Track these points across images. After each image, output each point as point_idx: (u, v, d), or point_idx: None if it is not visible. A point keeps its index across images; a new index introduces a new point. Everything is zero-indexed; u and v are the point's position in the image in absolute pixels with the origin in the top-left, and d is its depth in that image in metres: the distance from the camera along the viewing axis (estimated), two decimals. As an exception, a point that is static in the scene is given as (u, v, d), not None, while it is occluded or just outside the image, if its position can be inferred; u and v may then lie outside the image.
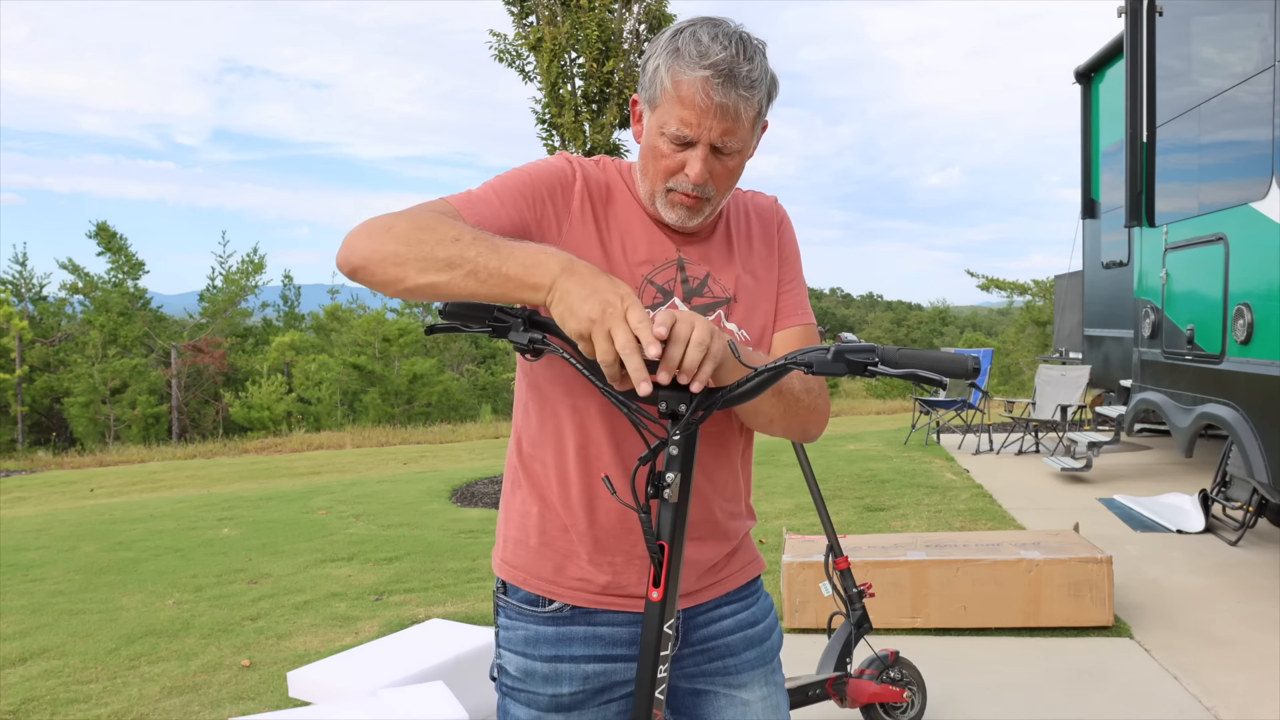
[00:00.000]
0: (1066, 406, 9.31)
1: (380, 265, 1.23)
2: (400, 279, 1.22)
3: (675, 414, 1.28)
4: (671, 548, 1.32)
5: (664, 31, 1.39)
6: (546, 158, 1.47)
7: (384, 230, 1.24)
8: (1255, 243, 4.97)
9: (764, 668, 1.55)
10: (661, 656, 1.34)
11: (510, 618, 1.49)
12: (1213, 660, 3.82)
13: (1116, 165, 8.19)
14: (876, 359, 1.23)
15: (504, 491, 1.55)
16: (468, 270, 1.21)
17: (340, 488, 9.21)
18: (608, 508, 1.44)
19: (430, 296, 1.25)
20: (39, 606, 5.08)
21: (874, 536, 4.67)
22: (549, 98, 7.96)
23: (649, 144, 1.39)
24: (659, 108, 1.35)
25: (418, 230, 1.23)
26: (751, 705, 1.53)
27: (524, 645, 1.46)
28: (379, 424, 23.14)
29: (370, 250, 1.24)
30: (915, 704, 3.21)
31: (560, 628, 1.45)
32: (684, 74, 1.31)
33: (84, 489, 11.04)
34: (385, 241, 1.23)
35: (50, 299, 30.62)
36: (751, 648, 1.54)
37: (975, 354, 1.25)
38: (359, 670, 3.34)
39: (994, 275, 26.09)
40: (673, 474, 1.30)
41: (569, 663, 1.44)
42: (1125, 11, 6.60)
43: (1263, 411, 4.79)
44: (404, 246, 1.22)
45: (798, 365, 1.28)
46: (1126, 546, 5.57)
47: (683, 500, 1.32)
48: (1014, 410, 10.31)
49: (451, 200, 1.36)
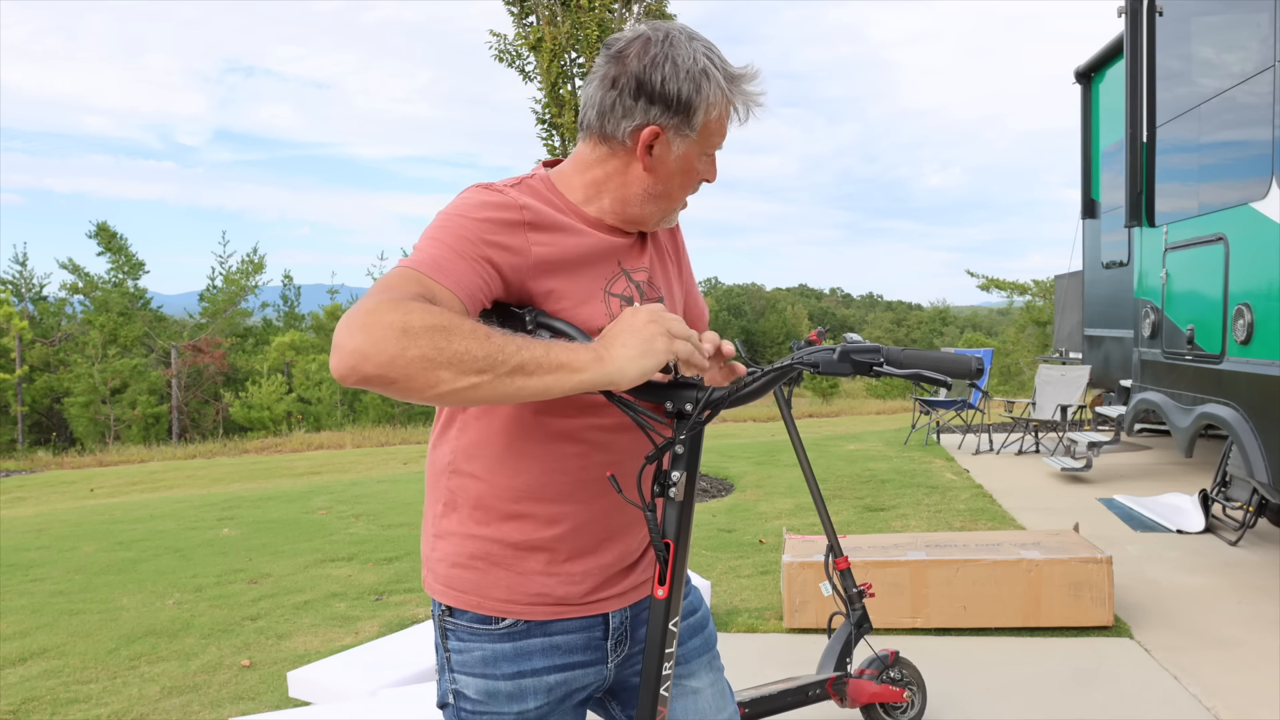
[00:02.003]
0: (1066, 406, 9.31)
1: (407, 372, 1.09)
2: (434, 384, 1.11)
3: (681, 414, 1.31)
4: (677, 545, 1.34)
5: (664, 56, 1.34)
6: (472, 197, 1.34)
7: (399, 330, 1.09)
8: (1255, 243, 4.97)
9: (708, 654, 1.59)
10: (666, 654, 1.36)
11: (463, 640, 1.43)
12: (1213, 660, 3.82)
13: (1116, 165, 8.20)
14: (882, 359, 1.26)
15: (434, 513, 1.47)
16: (513, 366, 1.14)
17: (340, 488, 9.22)
18: (577, 522, 1.42)
19: (462, 401, 1.14)
20: (39, 606, 5.08)
21: (874, 536, 4.67)
22: (549, 98, 7.97)
23: (684, 167, 1.41)
24: (705, 126, 1.38)
25: (440, 326, 1.11)
26: (701, 693, 1.56)
27: (483, 666, 1.42)
28: (379, 424, 23.14)
29: (390, 355, 1.08)
30: (915, 704, 3.21)
31: (517, 643, 1.42)
32: (739, 86, 1.39)
33: (84, 489, 11.04)
34: (406, 344, 1.09)
35: (50, 299, 30.61)
36: (694, 635, 1.58)
37: (978, 354, 1.26)
38: (359, 670, 3.34)
39: (994, 275, 26.08)
40: (679, 472, 1.32)
41: (532, 677, 1.42)
42: (1125, 11, 6.60)
43: (1263, 411, 4.79)
44: (432, 348, 1.10)
45: (804, 365, 1.30)
46: (1126, 546, 5.57)
47: (688, 498, 1.34)
48: (1014, 410, 10.31)
49: (420, 269, 1.22)
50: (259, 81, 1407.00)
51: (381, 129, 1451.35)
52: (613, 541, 1.46)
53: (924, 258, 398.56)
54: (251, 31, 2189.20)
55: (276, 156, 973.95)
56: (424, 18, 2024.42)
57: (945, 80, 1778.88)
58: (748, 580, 5.05)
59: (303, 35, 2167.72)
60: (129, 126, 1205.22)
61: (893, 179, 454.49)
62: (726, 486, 8.12)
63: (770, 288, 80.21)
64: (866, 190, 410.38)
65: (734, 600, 4.71)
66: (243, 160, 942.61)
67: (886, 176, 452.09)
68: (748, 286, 77.34)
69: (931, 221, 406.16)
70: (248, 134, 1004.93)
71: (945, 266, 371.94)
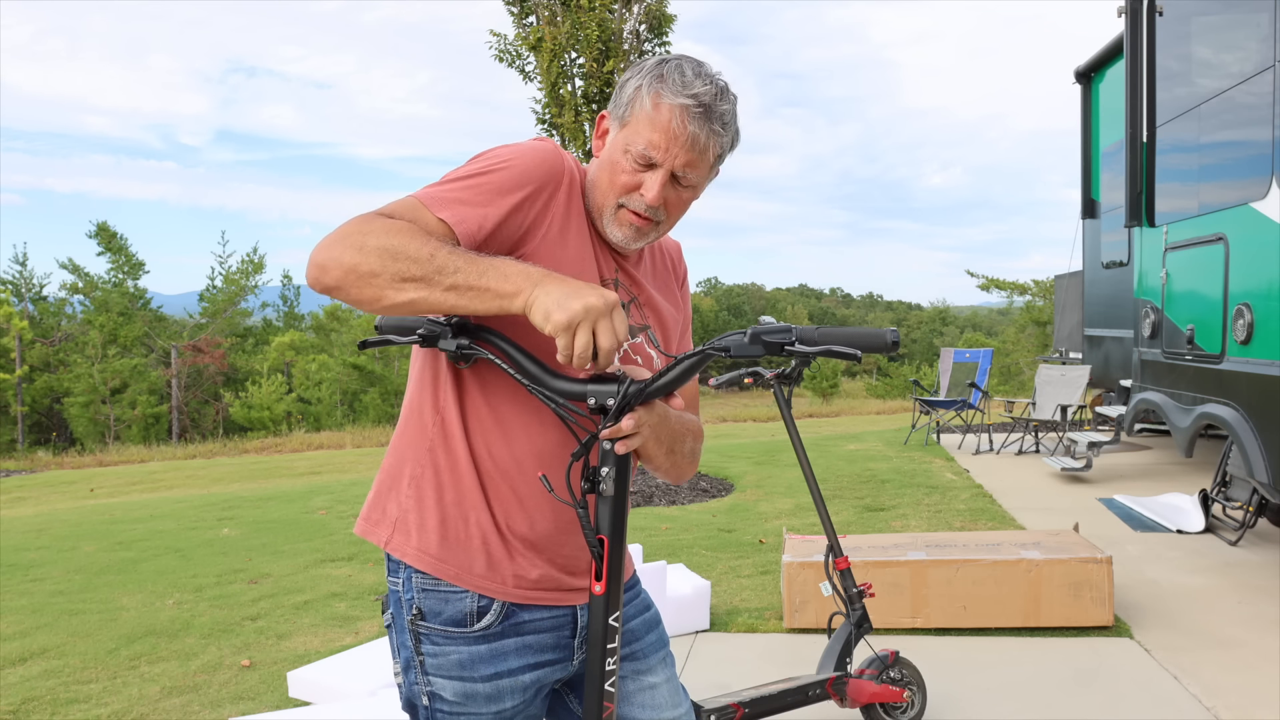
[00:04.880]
0: (1066, 406, 9.31)
1: (356, 285, 1.22)
2: (378, 298, 1.22)
3: (604, 409, 1.31)
4: (611, 541, 1.34)
5: (648, 58, 1.43)
6: (538, 146, 1.42)
7: (356, 247, 1.22)
8: (1255, 243, 4.97)
9: (663, 650, 1.62)
10: (609, 649, 1.37)
11: (437, 643, 1.43)
12: (1213, 660, 3.82)
13: (1116, 165, 8.19)
14: (794, 338, 1.27)
15: (399, 475, 1.48)
16: (447, 285, 1.22)
17: (340, 488, 9.22)
18: (542, 508, 1.44)
19: (409, 312, 1.25)
20: (39, 606, 5.08)
21: (874, 536, 4.67)
22: (549, 98, 7.96)
23: (609, 159, 1.42)
24: (629, 125, 1.39)
25: (391, 246, 1.22)
26: (658, 687, 1.58)
27: (459, 669, 1.43)
28: (379, 424, 23.15)
29: (344, 270, 1.22)
30: (915, 704, 3.21)
31: (493, 644, 1.44)
32: (665, 97, 1.36)
33: (84, 489, 11.05)
34: (359, 259, 1.21)
35: (50, 299, 30.64)
36: (650, 631, 1.61)
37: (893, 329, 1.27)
38: (359, 670, 3.34)
39: (994, 275, 26.10)
40: (608, 468, 1.32)
41: (509, 677, 1.44)
42: (1125, 11, 6.60)
43: (1263, 411, 4.79)
44: (379, 264, 1.21)
45: (716, 351, 1.31)
46: (1126, 546, 5.57)
47: (620, 494, 1.34)
48: (1014, 410, 10.31)
49: (424, 201, 1.32)
50: (261, 81, 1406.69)
51: (382, 129, 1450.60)
52: (568, 534, 1.47)
53: (924, 258, 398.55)
54: (253, 32, 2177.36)
55: (278, 156, 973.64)
56: (425, 18, 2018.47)
57: (946, 80, 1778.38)
58: (748, 580, 5.05)
59: (304, 35, 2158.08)
60: (131, 126, 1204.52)
61: (893, 179, 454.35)
62: (726, 486, 8.12)
63: (770, 288, 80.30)
64: (867, 190, 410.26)
65: (734, 600, 4.71)
66: (244, 160, 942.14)
67: (887, 176, 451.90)
68: (748, 286, 77.37)
69: (932, 221, 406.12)
70: (249, 134, 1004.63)
71: (945, 266, 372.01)
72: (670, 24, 8.00)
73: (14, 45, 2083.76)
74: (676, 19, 8.03)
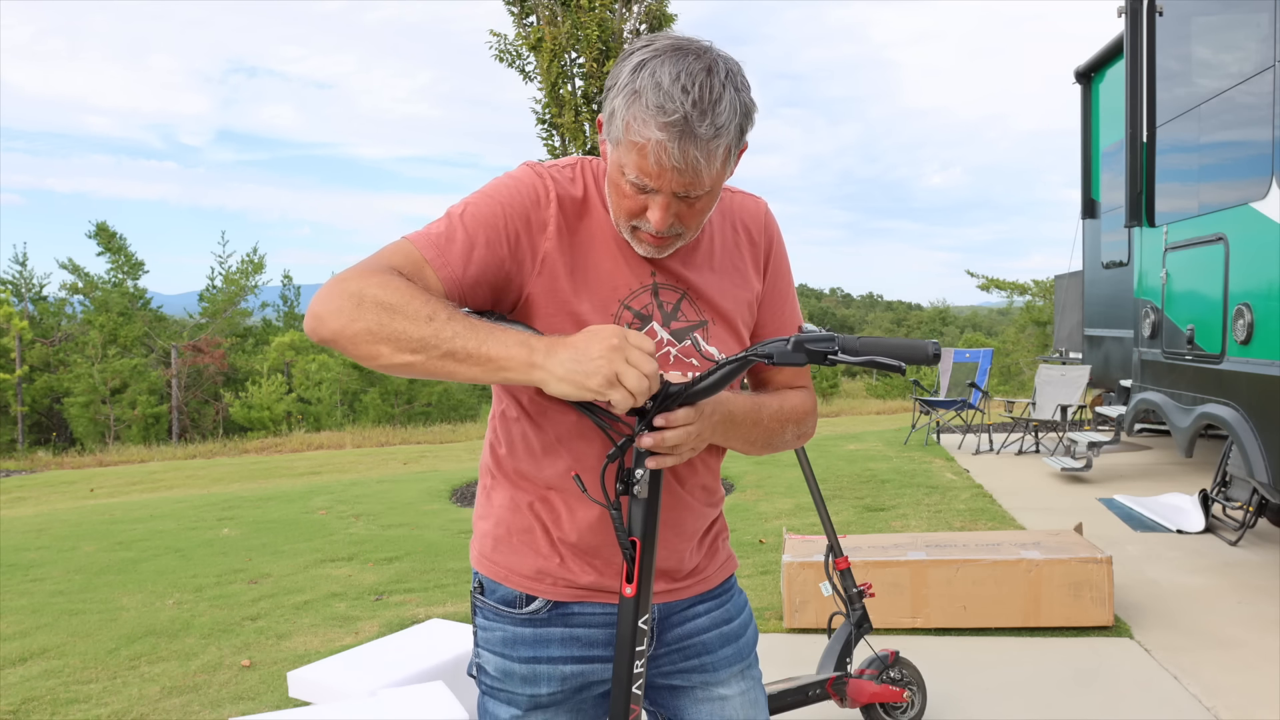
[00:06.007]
0: (1066, 406, 9.31)
1: (353, 341, 1.19)
2: (375, 356, 1.20)
3: (641, 411, 1.30)
4: (643, 543, 1.33)
5: (626, 59, 1.28)
6: (514, 175, 1.38)
7: (354, 302, 1.19)
8: (1255, 243, 4.97)
9: (740, 664, 1.57)
10: (637, 652, 1.35)
11: (488, 618, 1.49)
12: (1213, 660, 3.82)
13: (1116, 165, 8.19)
14: (836, 348, 1.25)
15: (481, 488, 1.55)
16: (444, 351, 1.18)
17: (340, 488, 9.21)
18: (590, 518, 1.43)
19: (406, 374, 1.23)
20: (39, 606, 5.08)
21: (874, 536, 4.67)
22: (549, 98, 7.97)
23: (612, 177, 1.32)
24: (619, 146, 1.28)
25: (389, 304, 1.18)
26: (730, 700, 1.55)
27: (502, 646, 1.47)
28: (379, 424, 23.14)
29: (341, 324, 1.19)
30: (915, 704, 3.21)
31: (538, 629, 1.45)
32: (638, 132, 1.23)
33: (84, 489, 11.04)
34: (356, 315, 1.19)
35: (50, 299, 30.60)
36: (727, 645, 1.56)
37: (934, 341, 1.25)
38: (359, 670, 3.34)
39: (994, 275, 26.11)
40: (641, 470, 1.31)
41: (547, 664, 1.45)
42: (1125, 11, 6.60)
43: (1263, 411, 4.79)
44: (375, 323, 1.18)
45: (758, 358, 1.29)
46: (1126, 546, 5.57)
47: (653, 495, 1.33)
48: (1014, 410, 10.31)
49: (418, 245, 1.29)
50: (261, 82, 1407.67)
51: (383, 129, 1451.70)
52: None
53: (924, 258, 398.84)
54: (254, 32, 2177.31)
55: (278, 156, 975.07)
56: (425, 18, 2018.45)
57: (946, 80, 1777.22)
58: (748, 580, 5.05)
59: (305, 35, 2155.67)
60: (131, 127, 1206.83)
61: (894, 179, 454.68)
62: (726, 486, 8.13)
63: (770, 288, 79.92)
64: (867, 190, 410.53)
65: (734, 600, 4.71)
66: (244, 160, 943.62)
67: (887, 176, 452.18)
68: (748, 286, 77.03)
69: (932, 221, 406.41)
70: (250, 134, 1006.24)
71: (945, 266, 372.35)
72: (670, 24, 8.01)
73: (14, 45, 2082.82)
74: (677, 19, 8.04)
